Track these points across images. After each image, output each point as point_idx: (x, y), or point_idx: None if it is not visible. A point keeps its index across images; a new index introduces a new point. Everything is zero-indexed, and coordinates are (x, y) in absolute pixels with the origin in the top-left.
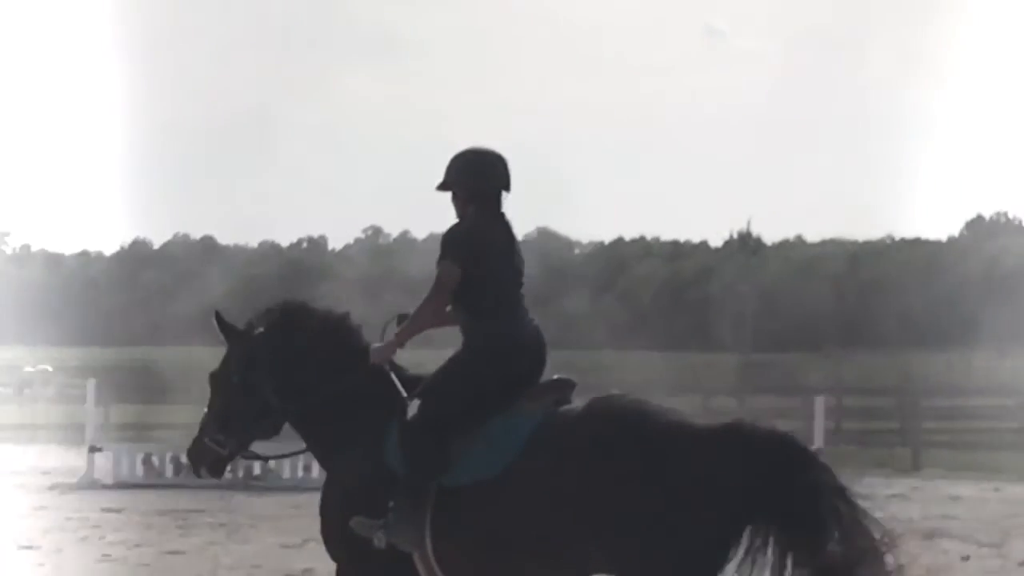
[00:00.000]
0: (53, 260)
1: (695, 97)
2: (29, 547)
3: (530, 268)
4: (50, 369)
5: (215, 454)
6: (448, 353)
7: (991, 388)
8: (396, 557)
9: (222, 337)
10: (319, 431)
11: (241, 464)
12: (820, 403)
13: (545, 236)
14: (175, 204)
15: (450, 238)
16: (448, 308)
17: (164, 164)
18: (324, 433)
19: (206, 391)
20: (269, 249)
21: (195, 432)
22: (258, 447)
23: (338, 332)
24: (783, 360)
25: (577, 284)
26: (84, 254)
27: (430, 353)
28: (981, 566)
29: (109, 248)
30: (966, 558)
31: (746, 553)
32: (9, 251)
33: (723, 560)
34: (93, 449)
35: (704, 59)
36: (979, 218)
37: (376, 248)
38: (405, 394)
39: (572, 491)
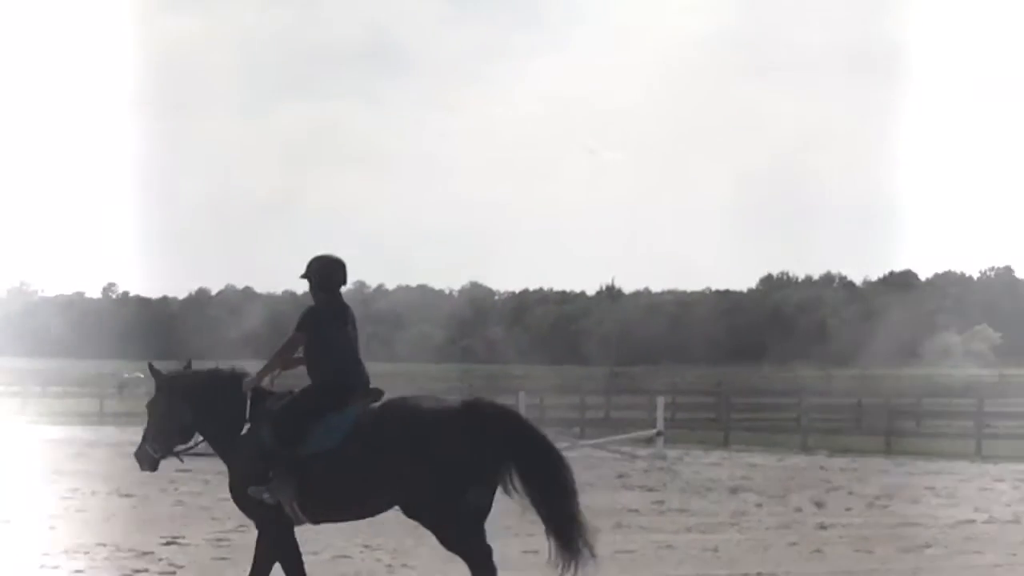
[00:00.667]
0: (143, 302)
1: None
2: (128, 495)
3: (463, 310)
4: (141, 375)
5: (151, 456)
6: None
7: (777, 391)
8: (280, 508)
9: (154, 380)
10: (217, 436)
11: None
12: (660, 400)
13: (475, 287)
14: (226, 260)
15: (304, 315)
16: (296, 356)
17: (216, 228)
18: (219, 438)
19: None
20: (289, 295)
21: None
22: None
23: (224, 378)
24: (634, 371)
25: (496, 320)
26: (164, 299)
27: None
28: (770, 511)
29: (182, 294)
30: (759, 506)
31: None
32: (114, 296)
33: (477, 496)
34: None
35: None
36: (769, 275)
37: (362, 297)
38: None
39: (373, 458)
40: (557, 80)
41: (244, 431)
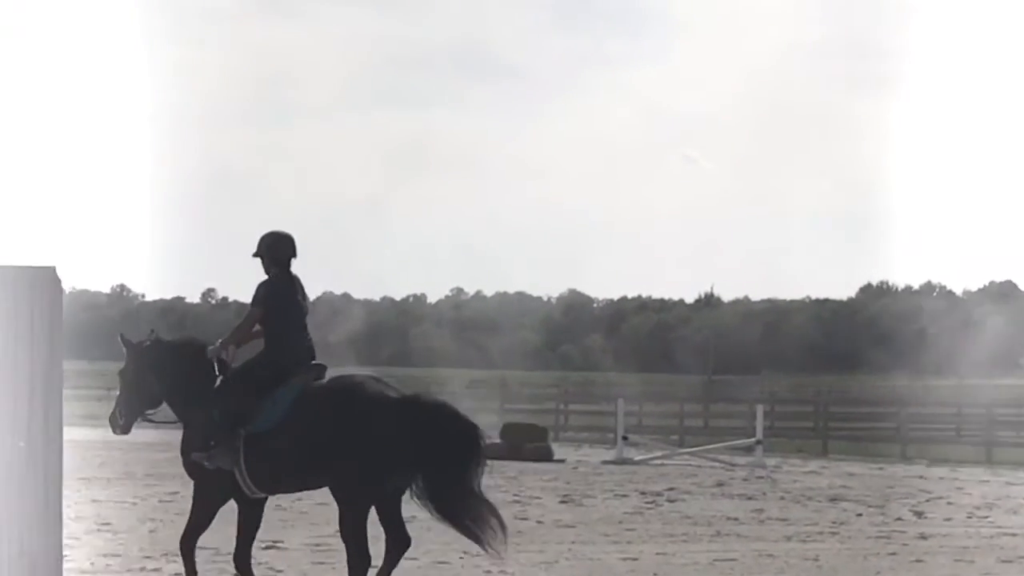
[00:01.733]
0: (242, 308)
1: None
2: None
3: (561, 317)
4: None
5: (120, 421)
6: None
7: (876, 400)
8: (224, 473)
9: (124, 349)
10: (179, 403)
11: None
12: (760, 409)
13: (573, 294)
14: (323, 266)
15: (258, 291)
16: (254, 329)
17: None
18: (180, 404)
19: None
20: (388, 301)
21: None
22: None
23: (190, 349)
24: (732, 380)
25: (593, 327)
26: None
27: None
28: (870, 520)
29: None
30: (859, 515)
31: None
32: (213, 301)
33: (397, 479)
34: None
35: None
36: (869, 284)
37: (458, 303)
38: (221, 379)
39: (312, 432)
40: (654, 88)
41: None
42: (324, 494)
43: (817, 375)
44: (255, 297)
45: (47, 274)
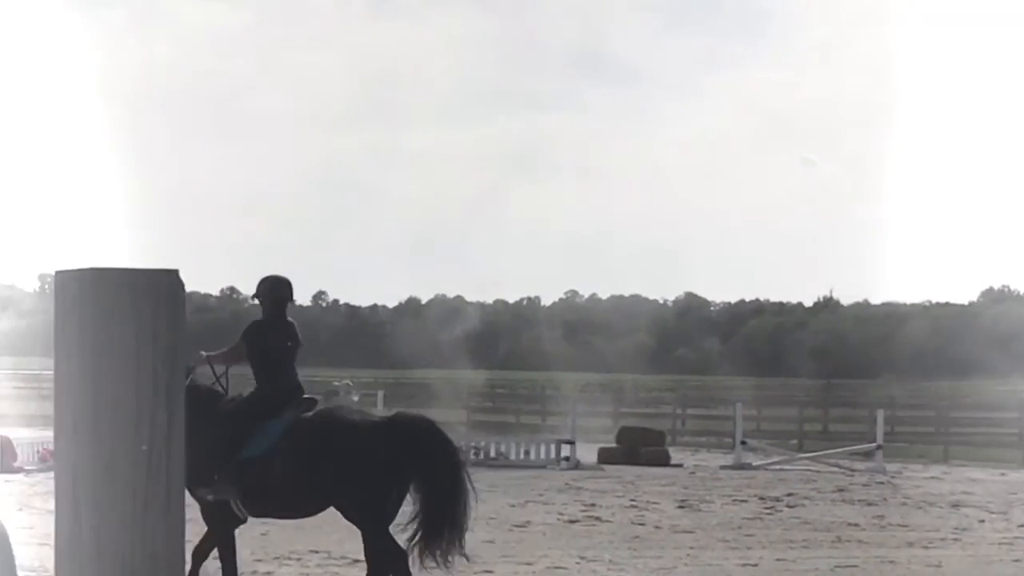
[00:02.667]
0: (352, 311)
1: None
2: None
3: (677, 320)
4: (351, 383)
5: None
6: None
7: (997, 405)
8: (223, 502)
9: None
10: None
11: (482, 449)
12: (880, 414)
13: (690, 297)
14: (439, 270)
15: (248, 328)
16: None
17: (427, 236)
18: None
19: (464, 398)
20: (501, 304)
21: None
22: None
23: (203, 392)
24: (851, 384)
25: (710, 330)
26: (374, 307)
27: None
28: (992, 527)
29: (391, 302)
30: (982, 521)
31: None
32: (324, 304)
33: (386, 502)
34: None
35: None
36: (990, 288)
37: (573, 305)
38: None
39: (301, 465)
40: (771, 89)
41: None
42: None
43: (936, 379)
44: (244, 334)
45: (170, 277)
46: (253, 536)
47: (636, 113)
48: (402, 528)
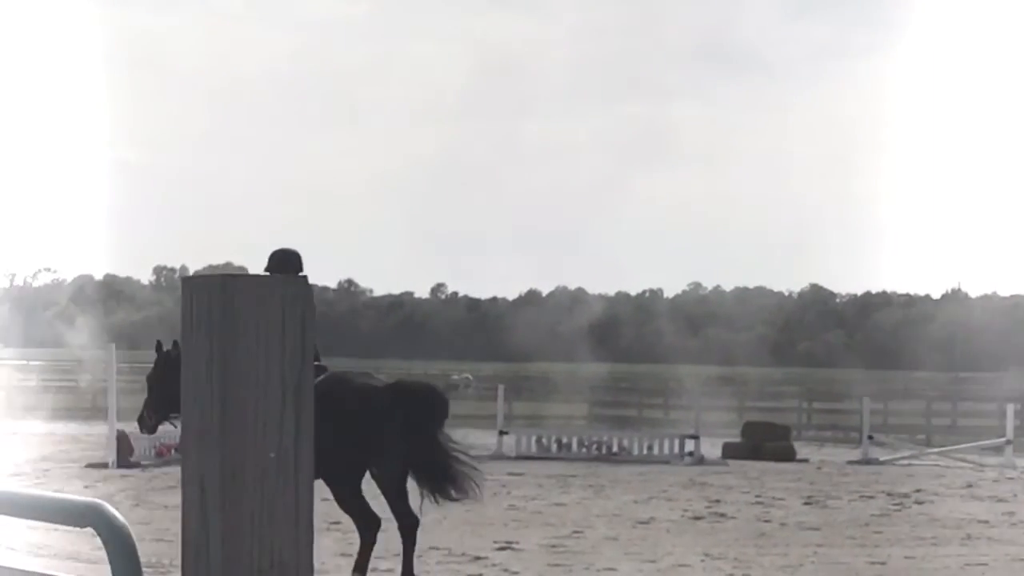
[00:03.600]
0: (473, 303)
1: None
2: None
3: (802, 313)
4: (470, 376)
5: (148, 422)
6: None
7: None
8: None
9: (157, 357)
10: None
11: (604, 444)
12: (1010, 408)
13: (815, 289)
14: (560, 261)
15: None
16: None
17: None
18: None
19: (585, 391)
20: (623, 296)
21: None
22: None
23: None
24: (980, 377)
25: (836, 322)
26: (494, 299)
27: None
28: None
29: (512, 295)
30: None
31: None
32: (443, 297)
33: (388, 455)
34: (502, 432)
35: None
36: None
37: (696, 297)
38: None
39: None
40: (897, 77)
41: None
42: (556, 493)
43: None
44: None
45: (299, 284)
46: None
47: (760, 102)
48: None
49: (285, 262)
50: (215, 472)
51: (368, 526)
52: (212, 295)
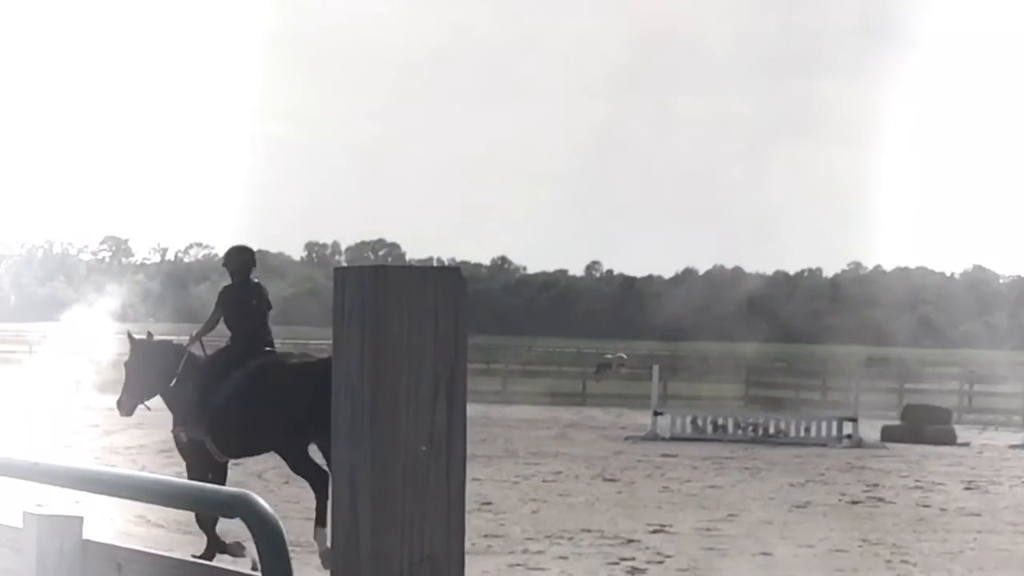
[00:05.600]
0: (628, 281)
1: None
2: (612, 479)
3: (964, 294)
4: (624, 356)
5: (126, 404)
6: None
7: None
8: (199, 444)
9: (129, 346)
10: (165, 391)
11: (760, 425)
12: None
13: (978, 270)
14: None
15: (220, 294)
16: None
17: (702, 205)
18: (166, 392)
19: (741, 372)
20: (781, 275)
21: None
22: None
23: (171, 346)
24: None
25: (1000, 304)
26: (649, 277)
27: None
28: None
29: (667, 272)
30: None
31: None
32: (597, 275)
33: (307, 435)
34: (656, 413)
35: None
36: None
37: (856, 277)
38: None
39: (251, 406)
40: None
41: (172, 384)
42: (711, 475)
43: None
44: (218, 300)
45: (453, 276)
46: (523, 514)
47: (920, 79)
48: None
49: (238, 258)
50: (365, 464)
51: (321, 482)
52: (364, 284)
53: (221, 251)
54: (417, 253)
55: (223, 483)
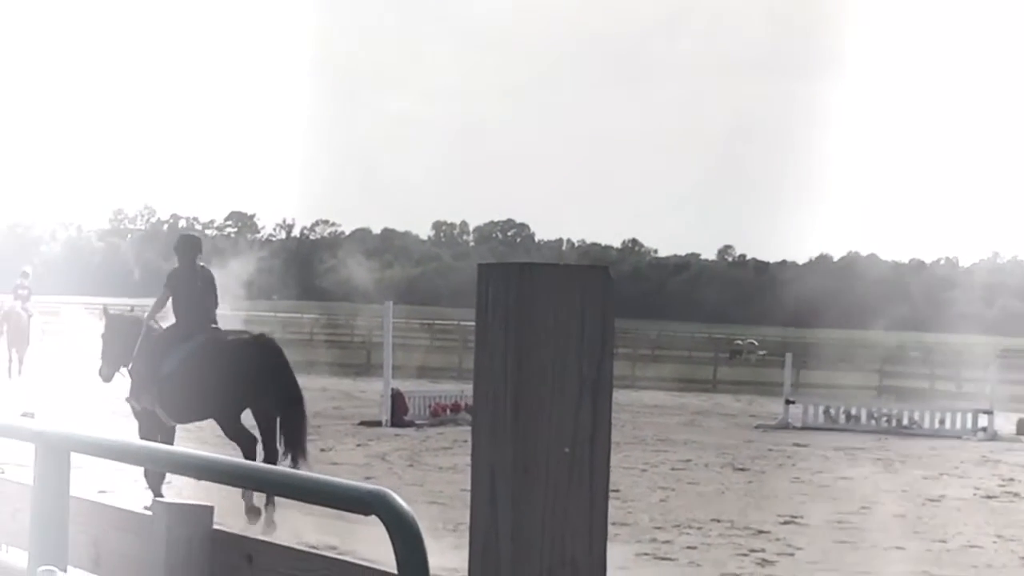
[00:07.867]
0: (761, 266)
1: None
2: (742, 468)
3: None
4: (756, 343)
5: (104, 373)
6: None
7: None
8: (150, 411)
9: (104, 320)
10: (126, 360)
11: (894, 417)
12: None
13: None
14: (849, 226)
15: (168, 276)
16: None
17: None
18: (127, 361)
19: (875, 361)
20: (917, 263)
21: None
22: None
23: (138, 322)
24: None
25: None
26: (783, 263)
27: None
28: None
29: (801, 258)
30: None
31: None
32: (730, 260)
33: (241, 404)
34: (788, 401)
35: None
36: None
37: (994, 267)
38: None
39: (194, 377)
40: None
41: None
42: (843, 466)
43: None
44: (166, 282)
45: (601, 275)
46: (651, 502)
47: None
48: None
49: (184, 244)
50: (506, 466)
51: (251, 446)
52: (509, 283)
53: (348, 229)
54: (546, 234)
55: (171, 444)
